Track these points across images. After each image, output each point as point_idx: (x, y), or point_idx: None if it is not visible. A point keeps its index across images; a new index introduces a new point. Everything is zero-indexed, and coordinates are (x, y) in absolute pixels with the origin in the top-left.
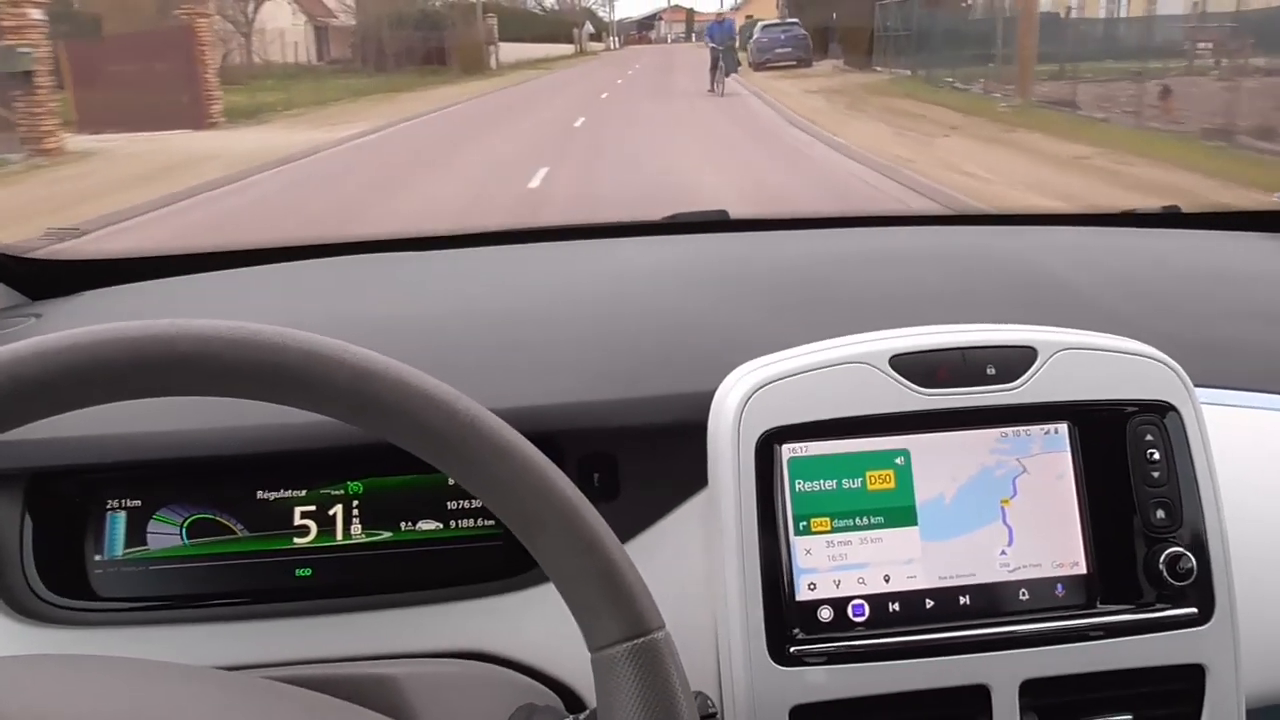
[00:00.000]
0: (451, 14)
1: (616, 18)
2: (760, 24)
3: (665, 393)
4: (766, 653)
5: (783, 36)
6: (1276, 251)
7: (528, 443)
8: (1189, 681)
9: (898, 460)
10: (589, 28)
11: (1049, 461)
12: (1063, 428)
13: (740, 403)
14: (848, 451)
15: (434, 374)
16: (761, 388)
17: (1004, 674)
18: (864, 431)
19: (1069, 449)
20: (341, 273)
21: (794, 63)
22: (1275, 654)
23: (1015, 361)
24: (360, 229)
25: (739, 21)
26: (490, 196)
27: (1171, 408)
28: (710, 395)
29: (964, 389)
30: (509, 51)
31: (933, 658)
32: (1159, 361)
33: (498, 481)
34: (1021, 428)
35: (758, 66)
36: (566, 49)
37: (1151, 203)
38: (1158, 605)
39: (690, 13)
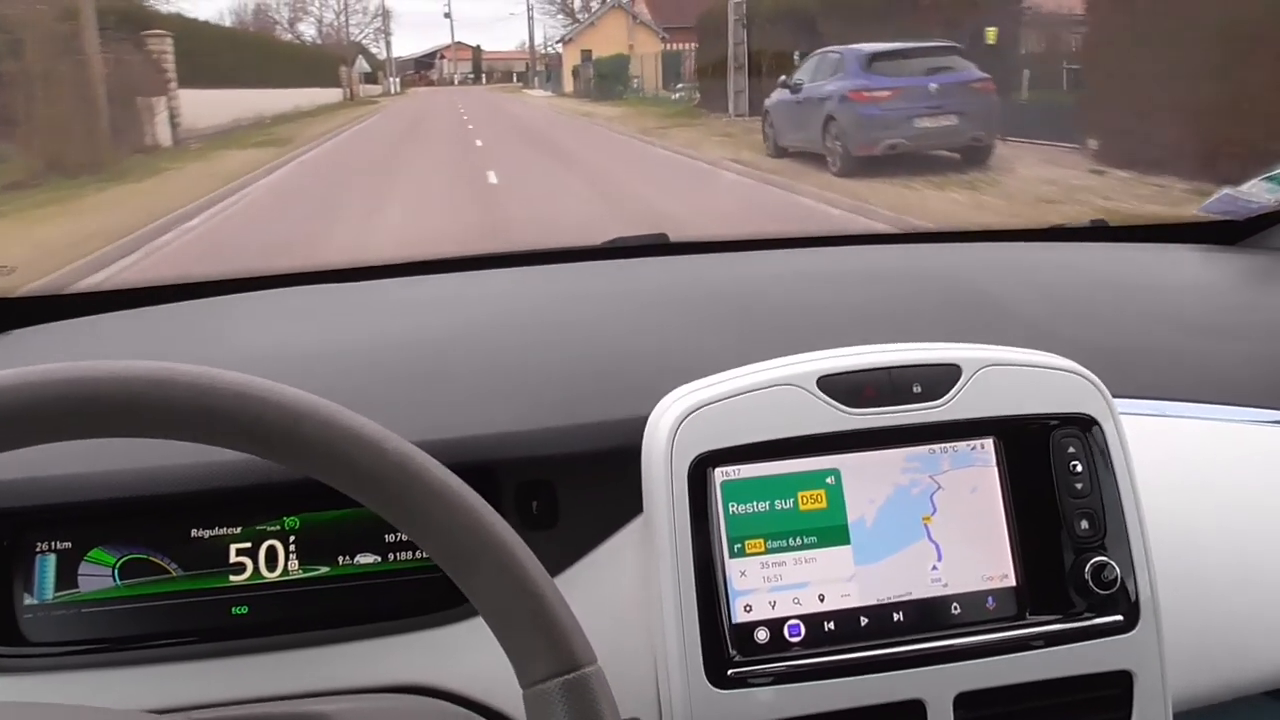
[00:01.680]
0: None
1: (392, 55)
2: (849, 55)
3: (600, 419)
4: (704, 676)
5: (933, 87)
6: (1199, 262)
7: (458, 480)
8: (1118, 688)
9: (828, 480)
10: (362, 64)
11: (962, 477)
12: (989, 443)
13: (672, 428)
14: (779, 473)
15: (369, 406)
16: (692, 412)
17: (938, 688)
18: (794, 453)
19: (994, 464)
20: (273, 306)
21: (958, 150)
22: (1199, 657)
23: (941, 379)
24: None
25: (570, 58)
26: None
27: (1093, 420)
28: (645, 421)
29: (891, 408)
30: (212, 107)
31: (868, 675)
32: (1080, 376)
33: (428, 520)
34: (940, 445)
35: (861, 157)
36: (329, 95)
37: None
38: (1085, 614)
39: (477, 50)
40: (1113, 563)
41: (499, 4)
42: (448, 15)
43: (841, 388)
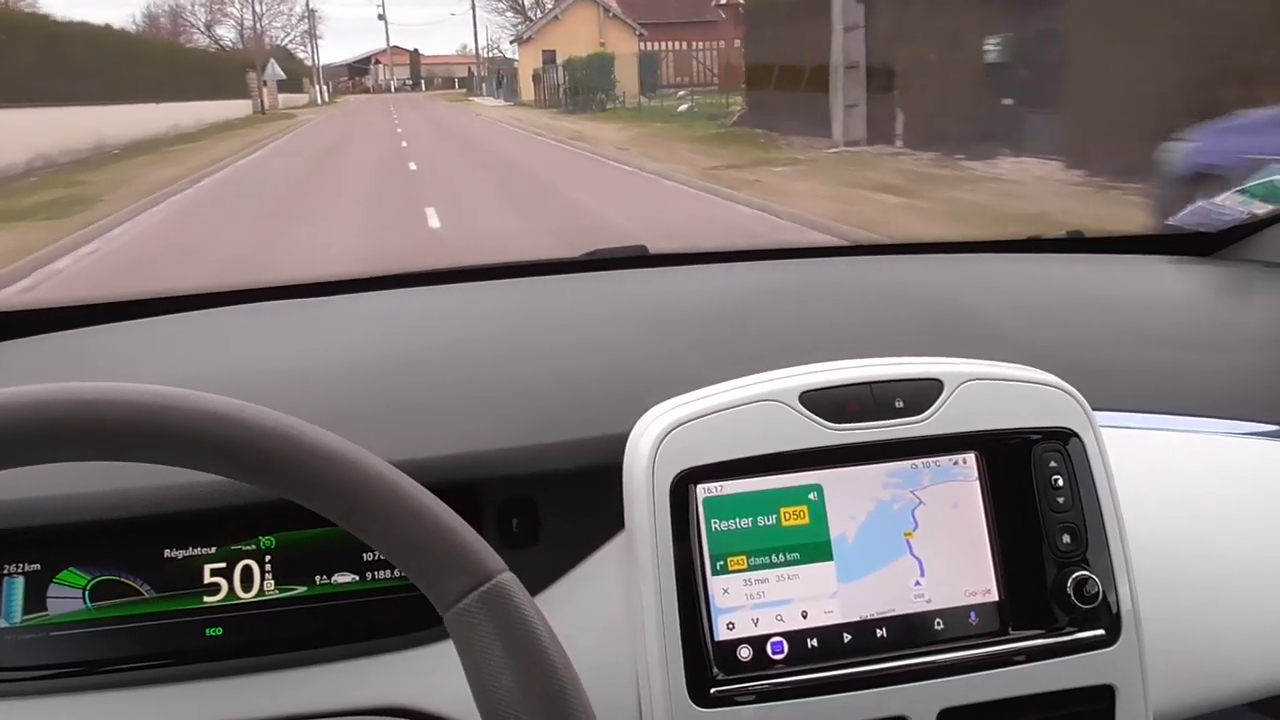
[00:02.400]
0: None
1: (322, 61)
2: None
3: (581, 436)
4: (687, 694)
5: None
6: (1174, 274)
7: (328, 434)
8: (1100, 702)
9: (811, 496)
10: (275, 70)
11: (944, 492)
12: (970, 457)
13: (653, 445)
14: (762, 489)
15: (343, 426)
16: (674, 429)
17: (922, 704)
18: (777, 468)
19: (976, 478)
20: (241, 322)
21: None
22: (1181, 670)
23: (922, 394)
24: None
25: (528, 61)
26: None
27: (1073, 434)
28: (626, 437)
29: (873, 423)
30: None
31: (852, 692)
32: (1060, 389)
33: (303, 476)
34: (922, 460)
35: None
36: (233, 109)
37: None
38: (1067, 629)
39: (414, 54)
40: (1094, 577)
41: (438, 6)
42: (382, 17)
43: (824, 403)
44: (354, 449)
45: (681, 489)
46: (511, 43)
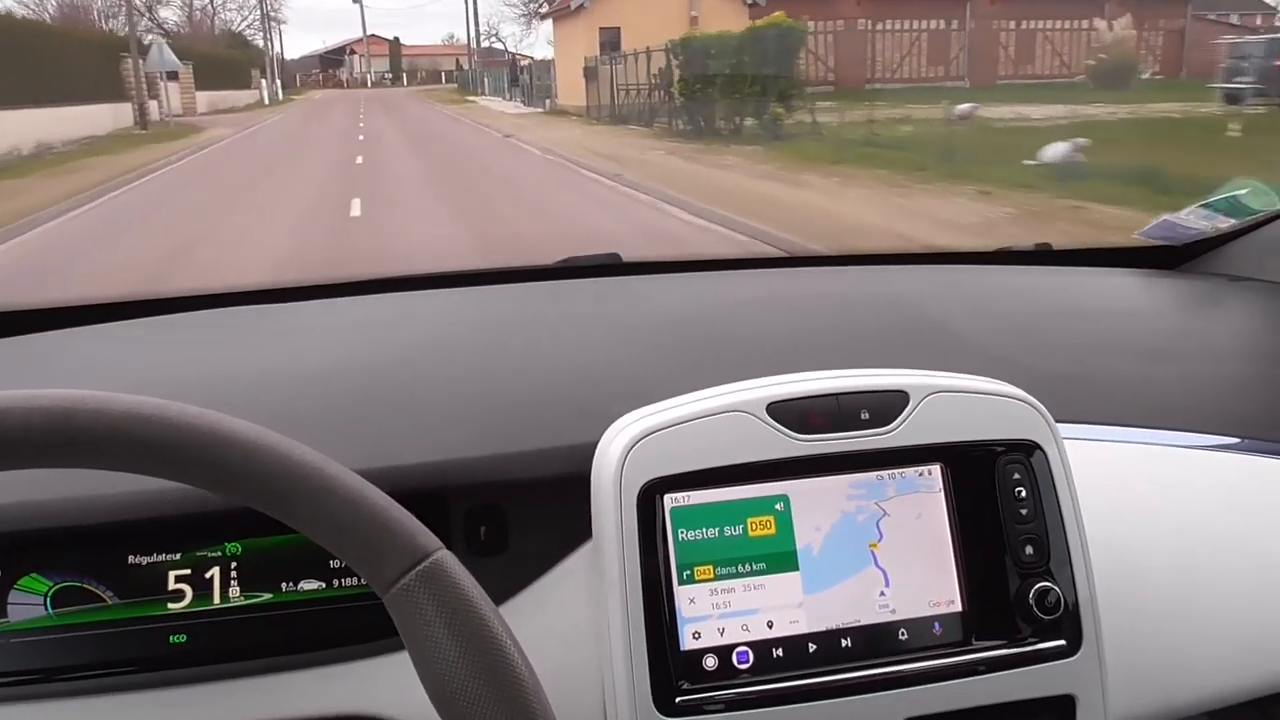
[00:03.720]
0: None
1: (298, 53)
2: None
3: (550, 445)
4: (652, 703)
5: None
6: (1139, 287)
7: (252, 425)
8: (1060, 712)
9: (778, 506)
10: (162, 56)
11: (908, 503)
12: (935, 469)
13: (621, 455)
14: (729, 499)
15: (309, 434)
16: (642, 439)
17: (886, 713)
18: (744, 479)
19: (941, 490)
20: (206, 327)
21: None
22: (1140, 680)
23: (888, 406)
24: None
25: (571, 45)
26: None
27: (1036, 446)
28: (594, 446)
29: (839, 434)
30: None
31: (816, 701)
32: (1024, 402)
33: (238, 472)
34: (887, 471)
35: None
36: (95, 120)
37: None
38: (1029, 639)
39: (395, 44)
40: (1056, 588)
41: None
42: (356, 1)
43: (791, 414)
44: (282, 439)
45: (649, 499)
46: (526, 19)
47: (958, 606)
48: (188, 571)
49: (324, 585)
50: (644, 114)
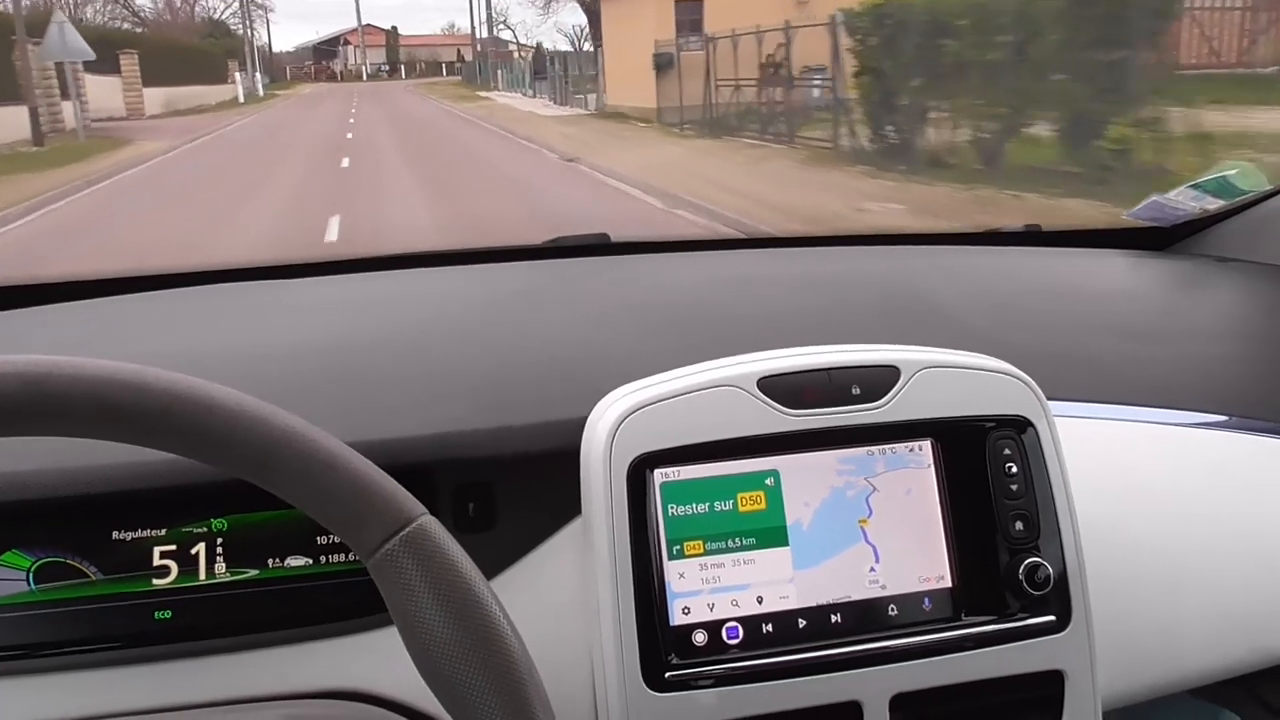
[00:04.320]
0: None
1: (290, 44)
2: None
3: (539, 420)
4: (641, 679)
5: None
6: (1128, 268)
7: (230, 390)
8: (1050, 687)
9: (768, 481)
10: (62, 38)
11: (897, 479)
12: (926, 444)
13: (611, 429)
14: (719, 474)
15: (299, 407)
16: (632, 413)
17: (875, 689)
18: (734, 454)
19: (932, 465)
20: (195, 304)
21: None
22: (1129, 657)
23: (879, 381)
24: None
25: (626, 29)
26: None
27: (1028, 422)
28: (584, 422)
29: (830, 409)
30: None
31: (806, 676)
32: (1015, 378)
33: (219, 438)
34: (876, 447)
35: None
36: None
37: None
38: (1019, 615)
39: (392, 34)
40: (1046, 564)
41: None
42: None
43: (781, 389)
44: (264, 405)
45: (639, 473)
46: (545, 2)
47: (947, 582)
48: (173, 547)
49: (310, 561)
50: (768, 120)
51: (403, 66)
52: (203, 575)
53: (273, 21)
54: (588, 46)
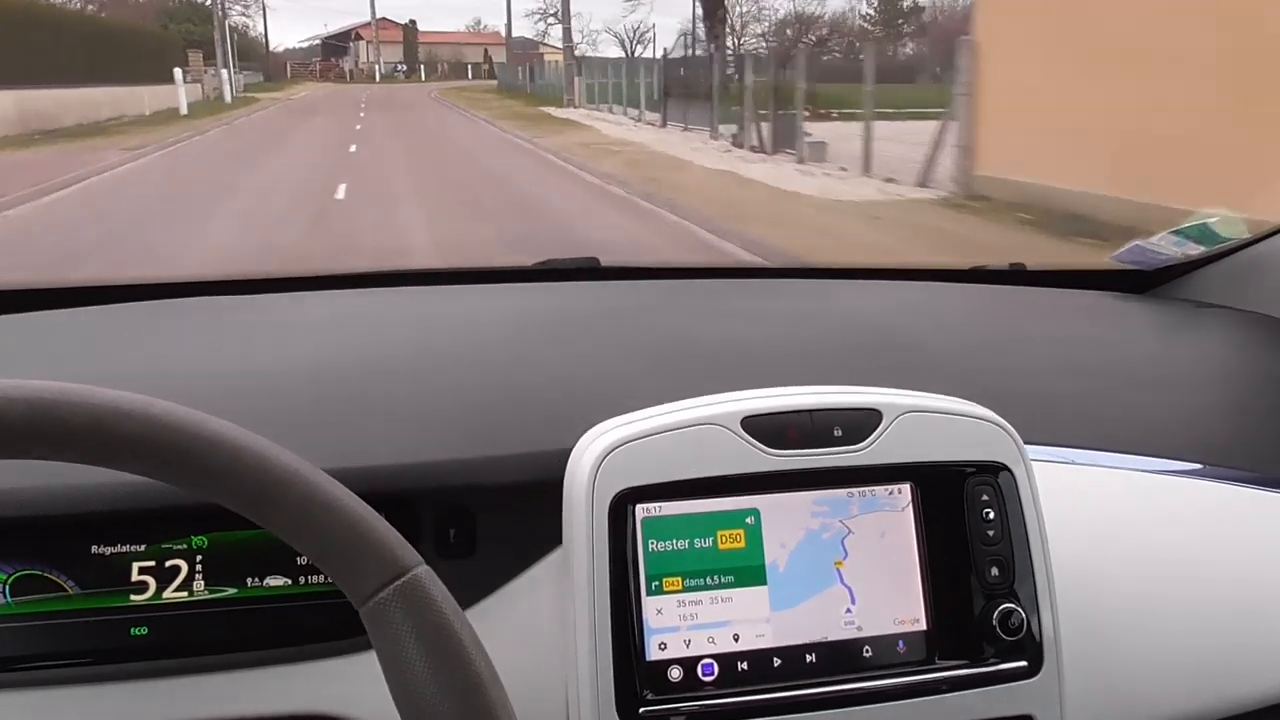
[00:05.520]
0: None
1: (299, 38)
2: None
3: (522, 451)
4: (616, 713)
5: None
6: (1109, 310)
7: (236, 428)
8: None
9: (748, 520)
10: None
11: (871, 521)
12: (905, 488)
13: (594, 463)
14: (700, 511)
15: (276, 432)
16: (616, 448)
17: None
18: (716, 492)
19: (908, 509)
20: (173, 318)
21: None
22: (1098, 701)
23: (861, 424)
24: None
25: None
26: None
27: (1005, 468)
28: (567, 454)
29: (812, 450)
30: None
31: (779, 716)
32: (994, 424)
33: (220, 473)
34: (849, 489)
35: None
36: None
37: None
38: (991, 660)
39: (410, 29)
40: (1020, 610)
41: None
42: None
43: (765, 428)
44: (266, 443)
45: (620, 508)
46: None
47: (922, 625)
48: (152, 563)
49: (290, 582)
50: None
51: (422, 66)
52: (181, 592)
53: (270, 7)
54: (658, 48)
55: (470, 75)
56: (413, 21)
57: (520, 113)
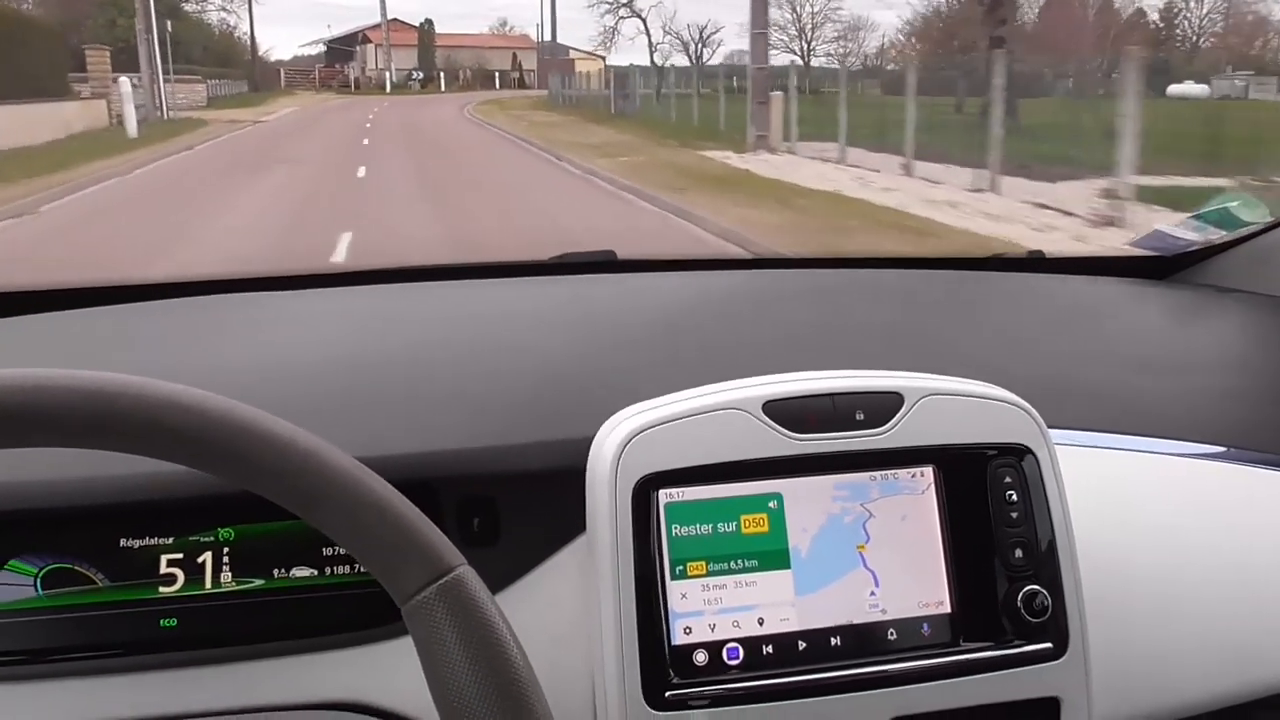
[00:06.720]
0: None
1: (296, 47)
2: None
3: (545, 439)
4: (642, 698)
5: None
6: (1130, 296)
7: (283, 421)
8: (1045, 714)
9: (771, 504)
10: None
11: (892, 505)
12: (926, 471)
13: (617, 449)
14: (723, 496)
15: (306, 422)
16: (638, 434)
17: (873, 712)
18: (738, 476)
19: (930, 492)
20: (204, 315)
21: None
22: (1123, 684)
23: (883, 407)
24: None
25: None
26: None
27: (1028, 450)
28: (589, 441)
29: (834, 434)
30: None
31: (804, 699)
32: (1017, 406)
33: (270, 470)
34: (870, 473)
35: None
36: None
37: None
38: (1016, 642)
39: (426, 30)
40: (1044, 591)
41: None
42: None
43: (786, 413)
44: (315, 440)
45: (643, 494)
46: None
47: (946, 608)
48: (180, 556)
49: (316, 573)
50: None
51: (440, 74)
52: (209, 584)
53: (267, 5)
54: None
55: (498, 84)
56: (429, 22)
57: (672, 162)
